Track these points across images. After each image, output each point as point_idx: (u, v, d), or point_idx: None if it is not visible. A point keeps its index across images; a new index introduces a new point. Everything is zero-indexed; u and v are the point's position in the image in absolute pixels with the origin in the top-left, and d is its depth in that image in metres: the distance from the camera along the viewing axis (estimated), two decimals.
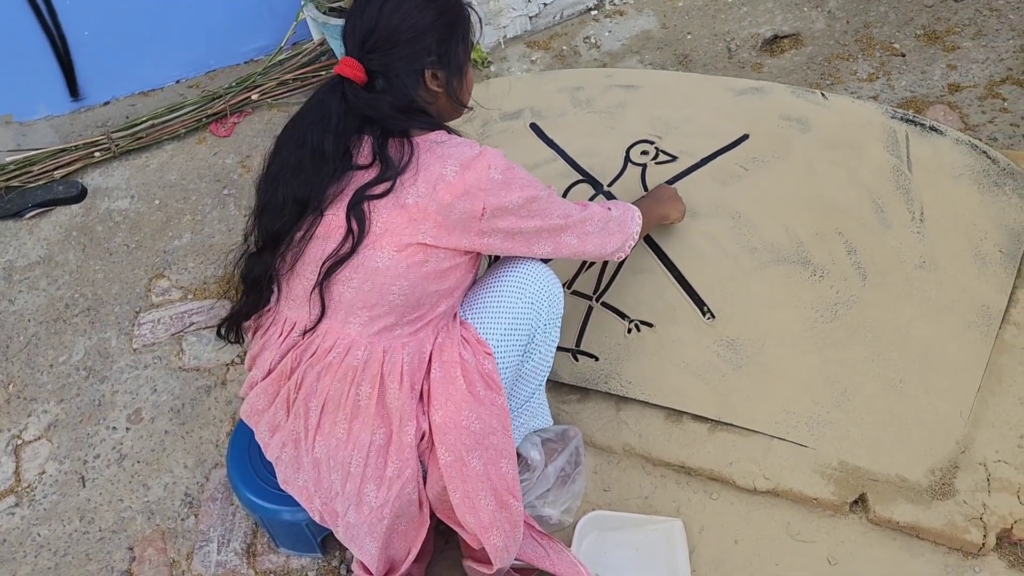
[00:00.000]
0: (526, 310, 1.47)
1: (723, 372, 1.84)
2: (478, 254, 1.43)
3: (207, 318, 2.25)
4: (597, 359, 1.91)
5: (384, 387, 1.36)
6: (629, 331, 1.92)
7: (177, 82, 2.99)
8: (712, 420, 1.80)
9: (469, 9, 1.46)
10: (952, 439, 1.71)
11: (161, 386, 2.13)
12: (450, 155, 1.32)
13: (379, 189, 1.29)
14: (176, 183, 2.64)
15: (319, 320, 1.37)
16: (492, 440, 1.39)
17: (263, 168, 1.41)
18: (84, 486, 1.97)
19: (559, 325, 1.56)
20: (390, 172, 1.29)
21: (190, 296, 2.33)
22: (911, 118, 2.20)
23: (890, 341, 1.83)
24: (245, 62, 3.03)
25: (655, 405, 1.84)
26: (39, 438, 2.08)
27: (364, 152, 1.33)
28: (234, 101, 2.77)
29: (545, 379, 1.62)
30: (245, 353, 2.16)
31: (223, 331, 1.50)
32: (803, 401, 1.78)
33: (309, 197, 1.32)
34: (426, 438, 1.39)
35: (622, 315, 1.94)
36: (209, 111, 2.75)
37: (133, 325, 2.28)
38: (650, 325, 1.92)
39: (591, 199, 2.15)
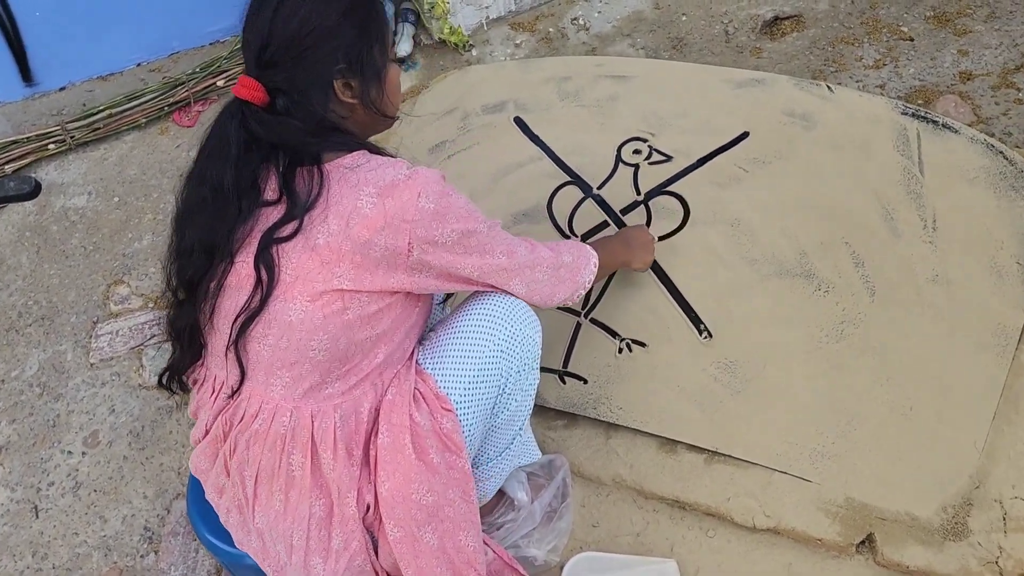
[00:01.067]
0: (495, 358, 1.30)
1: (720, 398, 1.71)
2: None
3: None
4: (586, 382, 1.78)
5: (317, 456, 1.21)
6: (620, 351, 1.79)
7: (138, 65, 2.79)
8: (708, 451, 1.68)
9: (382, 2, 1.28)
10: (965, 473, 1.59)
11: (120, 406, 1.98)
12: (366, 181, 1.14)
13: (286, 230, 1.12)
14: (136, 179, 2.46)
15: (241, 382, 1.21)
16: (448, 512, 1.24)
17: (175, 205, 1.23)
18: (37, 517, 1.84)
19: (537, 368, 1.40)
20: (297, 209, 1.12)
21: (151, 305, 2.17)
22: (923, 114, 2.05)
23: (900, 364, 1.71)
24: (211, 43, 2.83)
25: (647, 433, 1.72)
26: None
27: (272, 185, 1.16)
28: (198, 88, 2.58)
29: (526, 420, 1.48)
30: None
31: (164, 382, 1.35)
32: (806, 431, 1.66)
33: (215, 242, 1.15)
34: (372, 510, 1.24)
35: (613, 333, 1.81)
36: (171, 99, 2.57)
37: (90, 337, 2.13)
38: (643, 344, 1.79)
39: (580, 203, 2.00)
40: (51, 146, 2.49)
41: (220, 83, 2.59)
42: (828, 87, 2.14)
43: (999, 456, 1.61)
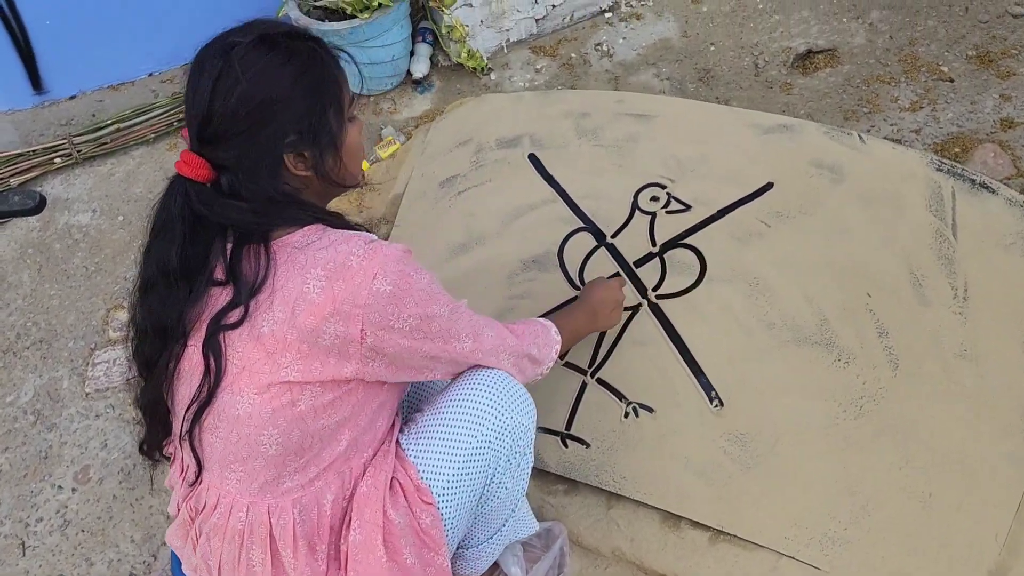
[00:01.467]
0: (482, 450, 1.22)
1: (729, 472, 1.63)
2: None
3: None
4: (588, 446, 1.70)
5: (277, 552, 1.14)
6: (626, 415, 1.71)
7: (149, 75, 2.74)
8: (714, 529, 1.60)
9: (336, 54, 1.16)
10: (984, 568, 1.50)
11: (112, 441, 1.94)
12: (315, 262, 1.05)
13: (232, 317, 1.05)
14: (142, 197, 2.41)
15: (199, 472, 1.15)
16: None
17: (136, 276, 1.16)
18: (24, 554, 1.80)
19: (530, 452, 1.32)
20: (242, 294, 1.04)
21: None
22: (959, 172, 1.94)
23: (921, 445, 1.62)
24: None
25: (651, 505, 1.64)
26: None
27: (220, 265, 1.08)
28: None
29: (520, 500, 1.40)
30: None
31: (145, 450, 1.29)
32: (818, 514, 1.58)
33: (165, 324, 1.08)
34: None
35: (619, 395, 1.73)
36: (181, 114, 2.51)
37: (87, 365, 2.09)
38: (650, 410, 1.71)
39: (592, 252, 1.92)
40: (57, 160, 2.45)
41: None
42: (860, 137, 2.03)
43: (1022, 551, 1.52)
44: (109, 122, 2.47)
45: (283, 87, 1.07)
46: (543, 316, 1.47)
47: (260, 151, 1.08)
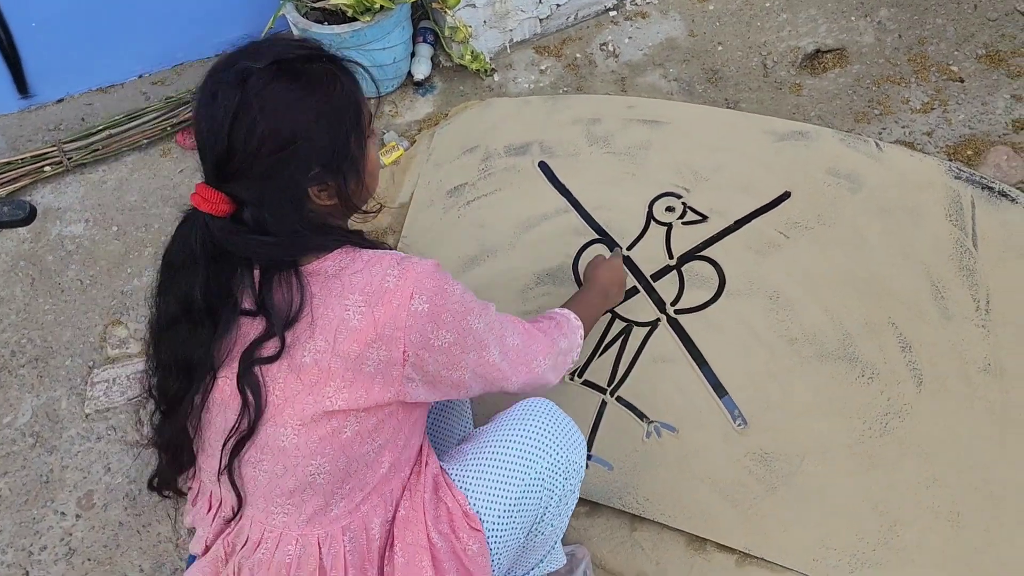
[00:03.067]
0: (535, 488, 1.20)
1: (755, 493, 1.61)
2: None
3: None
4: (611, 468, 1.67)
5: None
6: (648, 435, 1.68)
7: (140, 77, 2.64)
8: (740, 551, 1.58)
9: (352, 69, 1.10)
10: None
11: (115, 465, 1.88)
12: (352, 287, 1.02)
13: (268, 349, 1.02)
14: (137, 206, 2.33)
15: (239, 506, 1.11)
16: None
17: (151, 312, 1.12)
18: None
19: (578, 490, 1.30)
20: (276, 326, 1.01)
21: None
22: (978, 179, 1.92)
23: (947, 463, 1.60)
24: (216, 55, 2.67)
25: (675, 527, 1.62)
26: None
27: (248, 295, 1.05)
28: None
29: (561, 536, 1.37)
30: None
31: (155, 485, 1.24)
32: (846, 534, 1.56)
33: (192, 360, 1.04)
34: None
35: (641, 415, 1.70)
36: (175, 119, 2.43)
37: (86, 384, 2.02)
38: (672, 429, 1.68)
39: None
40: (47, 168, 2.36)
41: None
42: (876, 144, 2.00)
43: None
44: (100, 127, 2.38)
45: (306, 122, 1.02)
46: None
47: (284, 187, 1.04)
